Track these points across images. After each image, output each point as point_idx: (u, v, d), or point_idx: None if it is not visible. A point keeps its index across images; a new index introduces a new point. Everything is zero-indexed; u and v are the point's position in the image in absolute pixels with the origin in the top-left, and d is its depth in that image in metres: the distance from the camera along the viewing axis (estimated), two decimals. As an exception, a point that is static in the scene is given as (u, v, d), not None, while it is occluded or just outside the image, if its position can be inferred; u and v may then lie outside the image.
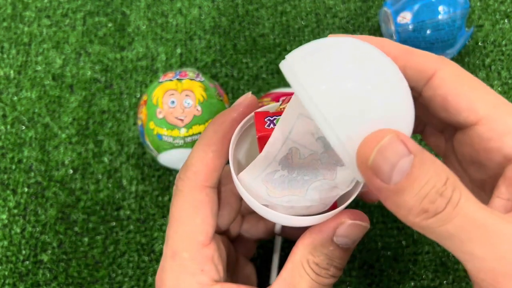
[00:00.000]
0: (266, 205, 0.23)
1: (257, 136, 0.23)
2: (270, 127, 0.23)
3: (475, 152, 0.21)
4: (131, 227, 0.38)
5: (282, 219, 0.23)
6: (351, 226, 0.23)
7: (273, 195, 0.23)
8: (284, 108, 0.23)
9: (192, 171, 0.24)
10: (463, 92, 0.21)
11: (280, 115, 0.22)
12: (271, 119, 0.23)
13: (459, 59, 0.42)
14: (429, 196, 0.17)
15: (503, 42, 0.43)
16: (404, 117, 0.19)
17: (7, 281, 0.37)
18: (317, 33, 0.44)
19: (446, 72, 0.22)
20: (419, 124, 0.26)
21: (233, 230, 0.30)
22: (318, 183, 0.23)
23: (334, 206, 0.24)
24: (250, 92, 0.26)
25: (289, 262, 0.23)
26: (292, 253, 0.24)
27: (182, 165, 0.25)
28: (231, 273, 0.28)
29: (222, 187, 0.27)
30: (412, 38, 0.37)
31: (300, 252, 0.23)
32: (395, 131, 0.17)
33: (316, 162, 0.23)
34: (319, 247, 0.23)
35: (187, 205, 0.24)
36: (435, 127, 0.26)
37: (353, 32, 0.44)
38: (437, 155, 0.23)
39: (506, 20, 0.44)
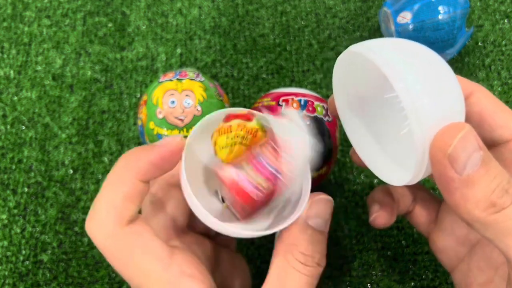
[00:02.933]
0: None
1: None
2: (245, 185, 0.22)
3: (506, 167, 0.22)
4: (131, 227, 0.38)
5: (258, 234, 0.23)
6: (320, 203, 0.23)
7: (245, 222, 0.23)
8: (238, 133, 0.23)
9: (102, 217, 0.22)
10: (498, 111, 0.23)
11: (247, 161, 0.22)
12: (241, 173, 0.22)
13: (459, 59, 0.42)
14: (497, 191, 0.18)
15: (503, 42, 0.43)
16: (463, 115, 0.21)
17: (7, 281, 0.37)
18: (317, 33, 0.44)
19: (481, 94, 0.24)
20: None
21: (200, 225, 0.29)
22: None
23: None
24: (181, 136, 0.23)
25: (273, 264, 0.23)
26: (275, 253, 0.23)
27: (90, 210, 0.23)
28: (214, 269, 0.28)
29: (170, 187, 0.26)
30: (412, 38, 0.37)
31: (283, 247, 0.23)
32: (469, 125, 0.19)
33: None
34: (299, 234, 0.23)
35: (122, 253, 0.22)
36: None
37: (353, 32, 0.44)
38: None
39: (506, 20, 0.44)
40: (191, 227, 0.28)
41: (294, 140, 0.22)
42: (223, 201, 0.26)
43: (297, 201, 0.24)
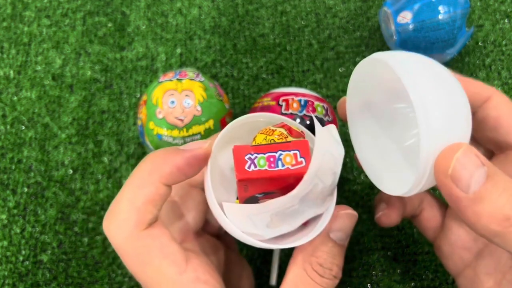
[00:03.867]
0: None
1: (236, 179, 0.21)
2: (251, 169, 0.21)
3: None
4: (131, 227, 0.38)
5: (277, 246, 0.23)
6: (344, 217, 0.24)
7: (273, 226, 0.23)
8: (274, 138, 0.22)
9: (121, 218, 0.21)
10: None
11: (264, 152, 0.21)
12: (252, 157, 0.21)
13: (459, 59, 0.42)
14: (508, 203, 0.18)
15: (503, 42, 0.43)
16: (469, 135, 0.21)
17: (7, 281, 0.37)
18: (317, 33, 0.44)
19: (499, 98, 0.25)
20: None
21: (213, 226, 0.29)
22: (311, 213, 0.23)
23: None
24: (208, 141, 0.23)
25: (290, 272, 0.23)
26: (293, 261, 0.23)
27: (109, 208, 0.22)
28: (225, 272, 0.28)
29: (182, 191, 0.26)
30: (412, 38, 0.37)
31: (302, 256, 0.23)
32: (467, 144, 0.20)
33: (320, 194, 0.23)
34: (319, 246, 0.23)
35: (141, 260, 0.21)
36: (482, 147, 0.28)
37: (353, 32, 0.44)
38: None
39: (506, 20, 0.44)
40: (203, 228, 0.28)
41: (328, 156, 0.21)
42: (237, 198, 0.26)
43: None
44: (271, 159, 0.21)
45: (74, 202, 0.39)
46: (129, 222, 0.21)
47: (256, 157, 0.21)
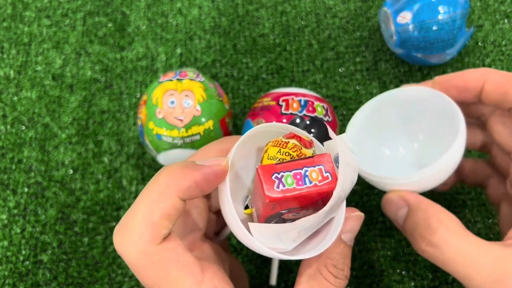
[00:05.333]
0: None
1: (266, 201, 0.21)
2: (280, 188, 0.20)
3: None
4: (131, 227, 0.38)
5: (295, 257, 0.23)
6: (354, 219, 0.25)
7: (298, 240, 0.23)
8: (289, 150, 0.22)
9: (136, 233, 0.21)
10: None
11: (290, 169, 0.21)
12: (279, 176, 0.21)
13: (459, 59, 0.42)
14: (420, 229, 0.25)
15: (503, 42, 0.43)
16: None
17: (7, 281, 0.37)
18: (317, 33, 0.44)
19: (493, 78, 0.27)
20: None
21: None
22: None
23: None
24: (226, 160, 0.22)
25: (304, 274, 0.24)
26: (306, 263, 0.24)
27: (121, 220, 0.22)
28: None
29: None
30: (412, 38, 0.37)
31: (315, 259, 0.23)
32: (399, 192, 0.27)
33: (341, 203, 0.23)
34: (333, 248, 0.24)
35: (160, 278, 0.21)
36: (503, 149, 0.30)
37: (353, 32, 0.44)
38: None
39: (506, 20, 0.44)
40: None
41: (349, 167, 0.21)
42: (245, 207, 0.25)
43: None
44: (298, 176, 0.21)
45: (74, 202, 0.39)
46: (144, 238, 0.21)
47: (282, 175, 0.21)
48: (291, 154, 0.22)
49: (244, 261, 0.37)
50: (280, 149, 0.22)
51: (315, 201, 0.21)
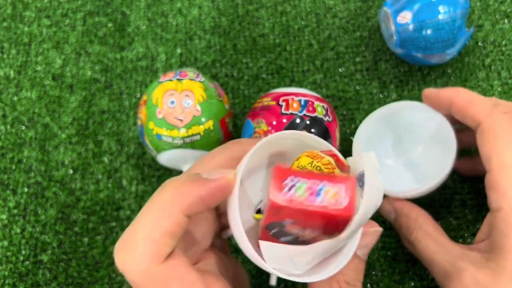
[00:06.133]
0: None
1: (268, 203, 0.19)
2: (287, 195, 0.19)
3: None
4: (131, 227, 0.38)
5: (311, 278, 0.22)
6: (372, 234, 0.25)
7: (312, 264, 0.22)
8: (321, 165, 0.21)
9: (138, 252, 0.20)
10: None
11: (308, 178, 0.19)
12: (293, 182, 0.19)
13: (459, 59, 0.42)
14: (403, 230, 0.32)
15: (503, 42, 0.43)
16: None
17: (7, 281, 0.37)
18: (317, 33, 0.44)
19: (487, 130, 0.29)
20: None
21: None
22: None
23: None
24: (234, 173, 0.21)
25: (316, 287, 0.23)
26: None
27: (122, 237, 0.21)
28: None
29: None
30: (412, 38, 0.37)
31: None
32: (388, 199, 0.33)
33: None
34: (346, 263, 0.23)
35: None
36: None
37: (353, 32, 0.44)
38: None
39: (506, 20, 0.44)
40: None
41: (374, 191, 0.20)
42: (257, 211, 0.24)
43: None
44: (313, 188, 0.19)
45: (74, 202, 0.39)
46: (146, 257, 0.20)
47: (297, 181, 0.19)
48: (322, 170, 0.21)
49: (244, 261, 0.37)
50: (313, 161, 0.21)
51: (324, 221, 0.20)
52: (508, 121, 0.28)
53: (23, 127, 0.42)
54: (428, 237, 0.29)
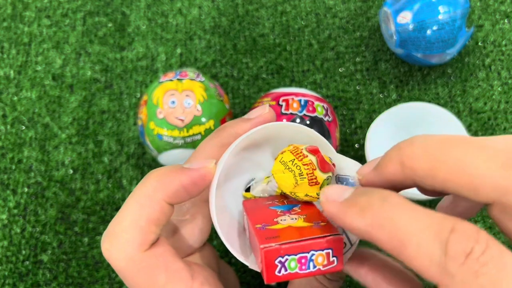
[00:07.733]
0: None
1: (265, 282, 0.20)
2: (281, 273, 0.20)
3: None
4: (131, 227, 0.38)
5: None
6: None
7: None
8: (301, 165, 0.22)
9: (123, 240, 0.20)
10: None
11: (295, 253, 0.20)
12: (283, 260, 0.20)
13: (459, 59, 0.42)
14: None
15: (503, 42, 0.43)
16: None
17: (7, 281, 0.37)
18: (317, 33, 0.44)
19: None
20: None
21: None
22: None
23: None
24: (214, 160, 0.22)
25: None
26: None
27: (108, 227, 0.21)
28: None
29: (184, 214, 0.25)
30: (412, 38, 0.37)
31: None
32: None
33: None
34: None
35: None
36: None
37: (353, 32, 0.44)
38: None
39: (506, 20, 0.44)
40: None
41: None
42: (247, 190, 0.25)
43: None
44: (303, 261, 0.20)
45: (74, 202, 0.39)
46: (132, 244, 0.20)
47: (287, 259, 0.20)
48: (301, 171, 0.21)
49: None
50: (294, 159, 0.22)
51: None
52: None
53: (23, 127, 0.42)
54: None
